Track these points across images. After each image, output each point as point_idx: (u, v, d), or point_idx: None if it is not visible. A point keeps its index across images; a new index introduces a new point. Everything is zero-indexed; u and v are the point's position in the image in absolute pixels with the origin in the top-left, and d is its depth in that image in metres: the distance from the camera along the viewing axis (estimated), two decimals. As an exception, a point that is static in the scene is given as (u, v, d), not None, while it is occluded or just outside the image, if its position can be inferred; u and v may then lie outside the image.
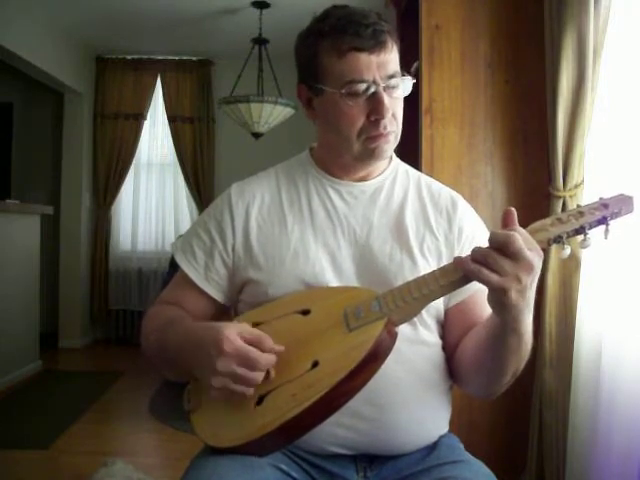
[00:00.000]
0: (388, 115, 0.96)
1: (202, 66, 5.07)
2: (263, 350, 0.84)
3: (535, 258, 0.79)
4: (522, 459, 1.92)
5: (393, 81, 0.97)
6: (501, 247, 0.78)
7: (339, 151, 1.03)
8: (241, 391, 0.83)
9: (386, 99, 0.95)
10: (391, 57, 0.97)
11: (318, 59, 0.98)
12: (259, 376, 0.83)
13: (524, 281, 0.78)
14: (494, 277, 0.77)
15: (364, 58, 0.94)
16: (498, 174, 2.09)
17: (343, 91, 0.95)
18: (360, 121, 0.97)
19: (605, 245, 1.63)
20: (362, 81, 0.95)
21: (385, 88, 0.96)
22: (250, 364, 0.82)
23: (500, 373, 0.93)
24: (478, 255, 0.79)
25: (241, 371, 0.82)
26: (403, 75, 0.99)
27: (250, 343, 0.84)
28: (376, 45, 0.94)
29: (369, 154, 1.00)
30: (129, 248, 5.17)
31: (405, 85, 1.00)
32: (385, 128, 0.97)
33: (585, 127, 1.75)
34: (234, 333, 0.84)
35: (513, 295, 0.78)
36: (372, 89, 0.95)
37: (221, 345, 0.82)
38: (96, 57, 5.03)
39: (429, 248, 1.03)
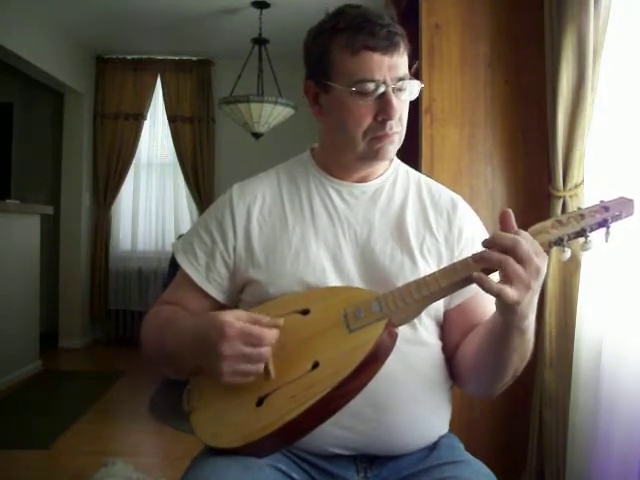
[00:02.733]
0: (395, 117, 0.97)
1: (202, 66, 5.07)
2: (263, 326, 0.86)
3: (541, 262, 0.79)
4: (522, 459, 1.92)
5: (402, 83, 0.97)
6: (510, 252, 0.78)
7: (343, 150, 1.03)
8: (251, 370, 0.84)
9: (394, 100, 0.96)
10: (402, 60, 0.98)
11: (330, 55, 0.98)
12: (266, 351, 0.85)
13: (533, 286, 0.79)
14: (514, 292, 0.77)
15: (377, 58, 0.95)
16: (498, 174, 2.08)
17: (353, 89, 0.95)
18: (367, 121, 0.97)
19: (605, 246, 1.64)
20: (372, 80, 0.95)
21: (394, 90, 0.96)
22: (255, 340, 0.84)
23: (502, 372, 0.93)
24: (494, 262, 0.79)
25: (248, 349, 0.83)
26: (411, 79, 0.99)
27: (248, 323, 0.85)
28: (389, 46, 0.95)
29: (373, 154, 1.00)
30: (129, 248, 5.17)
31: (412, 88, 1.00)
32: (391, 129, 0.98)
33: (585, 127, 1.75)
34: (232, 317, 0.85)
35: (522, 299, 0.79)
36: (381, 89, 0.95)
37: (223, 330, 0.83)
38: (96, 57, 5.03)
39: (429, 249, 1.03)
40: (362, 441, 0.95)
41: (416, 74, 2.15)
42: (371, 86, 0.95)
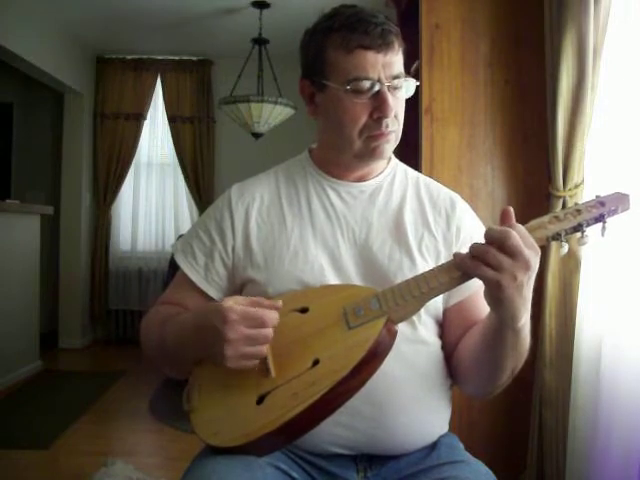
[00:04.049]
0: (391, 114, 0.97)
1: (202, 66, 5.07)
2: (264, 308, 0.86)
3: (532, 256, 0.79)
4: (522, 459, 1.92)
5: (397, 81, 0.98)
6: (498, 243, 0.78)
7: (339, 149, 1.03)
8: (257, 352, 0.85)
9: (390, 98, 0.96)
10: (397, 58, 0.98)
11: (325, 54, 0.99)
12: (270, 332, 0.85)
13: (519, 278, 0.78)
14: (490, 272, 0.78)
15: (371, 56, 0.95)
16: (498, 174, 2.09)
17: (348, 87, 0.96)
18: (363, 119, 0.97)
19: (605, 244, 1.64)
20: (367, 79, 0.95)
21: (389, 87, 0.97)
22: (258, 322, 0.84)
23: (497, 371, 0.93)
24: (476, 250, 0.80)
25: (252, 331, 0.84)
26: (407, 77, 1.00)
27: (249, 306, 0.86)
28: (383, 45, 0.95)
29: (369, 153, 1.00)
30: (129, 248, 5.17)
31: (408, 86, 1.01)
32: (387, 127, 0.98)
33: (585, 127, 1.75)
34: (232, 302, 0.86)
35: (509, 291, 0.79)
36: (376, 87, 0.96)
37: (225, 315, 0.83)
38: (96, 57, 5.03)
39: (427, 248, 1.03)
40: (362, 440, 0.95)
41: (416, 74, 2.16)
42: (366, 84, 0.95)
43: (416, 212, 1.07)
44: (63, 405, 3.33)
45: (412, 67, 2.20)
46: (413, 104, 2.10)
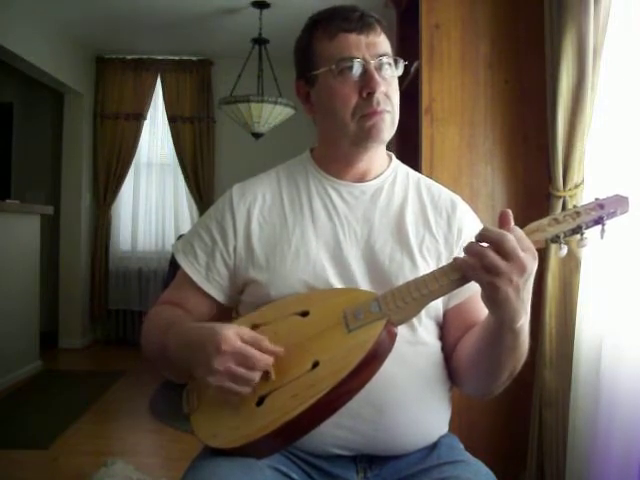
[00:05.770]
0: (380, 90, 0.98)
1: (202, 66, 5.07)
2: (261, 351, 0.85)
3: (528, 259, 0.79)
4: (522, 459, 1.92)
5: (383, 59, 1.00)
6: (494, 245, 0.78)
7: (337, 139, 1.04)
8: (238, 390, 0.84)
9: (376, 75, 0.98)
10: (380, 40, 1.01)
11: (312, 48, 1.03)
12: (256, 376, 0.84)
13: (515, 281, 0.78)
14: (485, 275, 0.78)
15: (353, 38, 0.99)
16: (498, 174, 2.09)
17: (333, 67, 0.98)
18: (353, 99, 0.98)
19: (605, 245, 1.64)
20: (352, 58, 0.98)
21: (375, 66, 0.99)
22: (248, 363, 0.83)
23: (497, 372, 0.93)
24: (472, 251, 0.80)
25: (239, 370, 0.83)
26: (395, 59, 1.02)
27: (248, 344, 0.85)
28: (364, 26, 0.99)
29: (366, 134, 1.00)
30: (129, 248, 5.17)
31: (397, 67, 1.03)
32: (379, 104, 0.98)
33: (585, 127, 1.75)
34: (232, 333, 0.85)
35: (505, 294, 0.79)
36: (362, 66, 0.98)
37: (220, 344, 0.83)
38: (96, 57, 5.03)
39: (428, 249, 1.03)
40: (362, 441, 0.95)
41: (416, 74, 2.16)
42: (351, 63, 0.98)
43: (417, 213, 1.07)
44: (63, 405, 3.33)
45: (412, 67, 2.20)
46: (413, 104, 2.10)
